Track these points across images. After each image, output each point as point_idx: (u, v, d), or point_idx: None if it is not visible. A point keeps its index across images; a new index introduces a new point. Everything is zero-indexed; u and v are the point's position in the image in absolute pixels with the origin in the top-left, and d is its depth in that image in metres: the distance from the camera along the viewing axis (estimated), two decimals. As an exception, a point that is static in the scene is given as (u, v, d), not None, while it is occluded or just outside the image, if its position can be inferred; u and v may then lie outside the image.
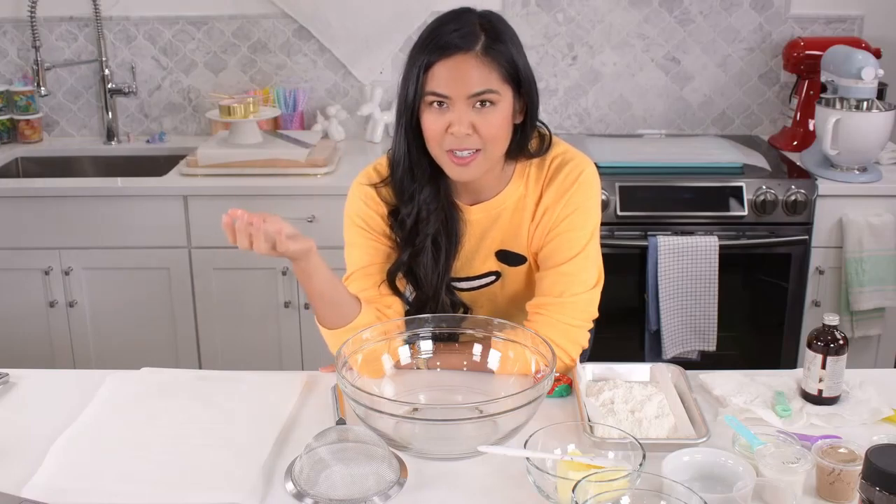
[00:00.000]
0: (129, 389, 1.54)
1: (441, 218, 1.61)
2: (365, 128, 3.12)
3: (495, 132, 1.51)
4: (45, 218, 2.69)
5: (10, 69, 3.16)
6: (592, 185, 1.60)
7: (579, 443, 1.28)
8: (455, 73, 1.47)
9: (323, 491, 1.24)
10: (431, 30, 1.51)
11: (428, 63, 1.48)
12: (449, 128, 1.49)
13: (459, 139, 1.49)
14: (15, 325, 2.78)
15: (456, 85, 1.47)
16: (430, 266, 1.61)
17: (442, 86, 1.47)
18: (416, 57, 1.50)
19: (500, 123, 1.51)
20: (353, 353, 1.43)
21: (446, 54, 1.47)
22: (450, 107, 1.49)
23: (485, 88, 1.48)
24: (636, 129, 3.16)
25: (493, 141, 1.52)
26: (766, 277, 2.72)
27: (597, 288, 1.61)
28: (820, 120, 2.69)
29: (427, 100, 1.50)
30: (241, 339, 2.78)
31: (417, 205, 1.59)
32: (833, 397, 1.45)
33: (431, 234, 1.60)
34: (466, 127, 1.48)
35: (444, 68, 1.47)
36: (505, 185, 1.62)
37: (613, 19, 3.07)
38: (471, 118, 1.48)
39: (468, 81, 1.47)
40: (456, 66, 1.47)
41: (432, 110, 1.50)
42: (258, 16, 3.08)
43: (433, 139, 1.52)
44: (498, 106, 1.50)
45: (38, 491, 1.25)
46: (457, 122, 1.48)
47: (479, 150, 1.51)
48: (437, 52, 1.47)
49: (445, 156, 1.53)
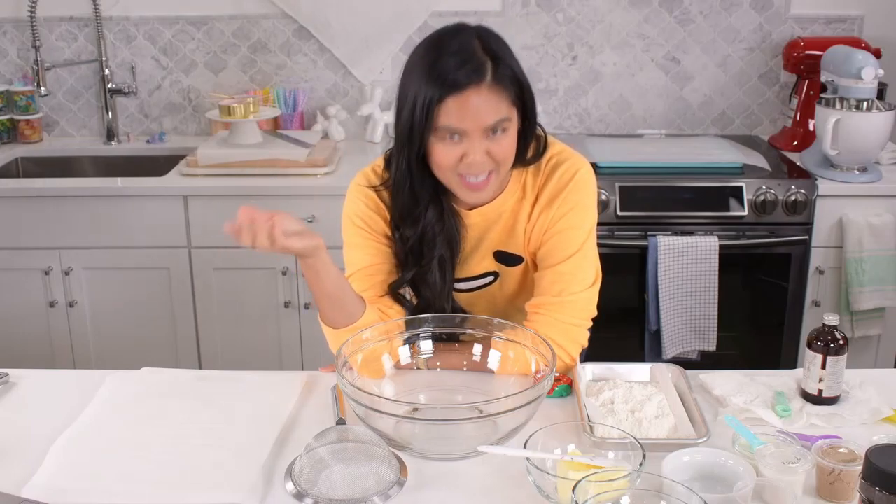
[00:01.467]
0: (129, 389, 1.54)
1: (445, 237, 1.61)
2: (365, 128, 3.12)
3: (507, 153, 1.52)
4: (45, 218, 2.69)
5: (10, 69, 3.16)
6: (588, 185, 1.61)
7: (579, 443, 1.28)
8: (468, 109, 1.45)
9: (323, 491, 1.24)
10: (433, 61, 1.46)
11: (438, 98, 1.44)
12: (464, 158, 1.49)
13: (476, 167, 1.49)
14: (15, 325, 2.78)
15: (471, 120, 1.46)
16: (437, 284, 1.62)
17: (456, 121, 1.46)
18: (420, 88, 1.46)
19: (510, 144, 1.52)
20: (353, 353, 1.43)
21: (457, 89, 1.44)
22: (463, 138, 1.48)
23: (499, 118, 1.47)
24: (636, 129, 3.16)
25: (505, 162, 1.53)
26: (766, 277, 2.72)
27: (595, 286, 1.61)
28: (820, 120, 2.69)
29: (439, 134, 1.48)
30: (241, 339, 2.78)
31: (422, 227, 1.59)
32: (833, 397, 1.45)
33: (437, 257, 1.60)
34: (482, 156, 1.49)
35: (455, 104, 1.45)
36: (502, 189, 1.62)
37: (613, 19, 3.07)
38: (485, 146, 1.49)
39: (483, 115, 1.46)
40: (468, 101, 1.44)
41: (445, 142, 1.49)
42: (258, 16, 3.08)
43: (446, 167, 1.51)
44: (509, 130, 1.50)
45: (38, 491, 1.25)
46: (472, 152, 1.48)
47: (492, 171, 1.52)
48: (445, 88, 1.44)
49: (458, 181, 1.53)
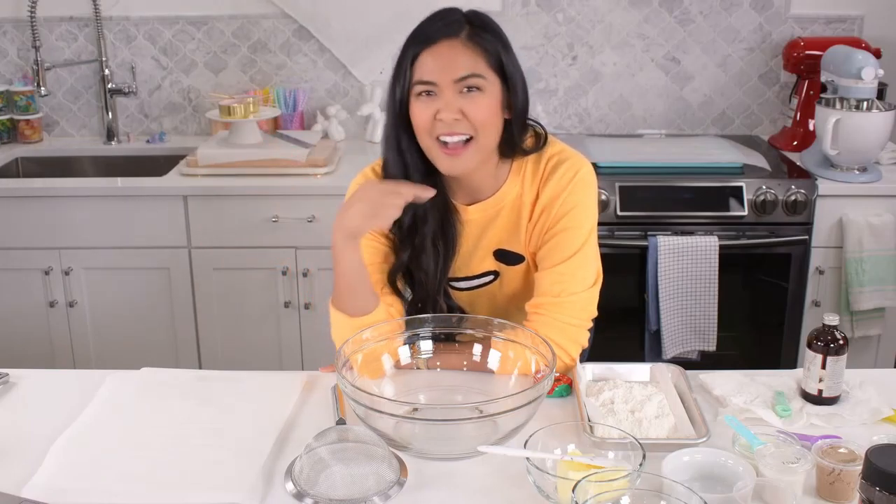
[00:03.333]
0: (129, 389, 1.54)
1: (438, 218, 1.61)
2: (365, 128, 3.12)
3: (484, 117, 1.51)
4: (45, 218, 2.69)
5: (10, 69, 3.16)
6: (589, 184, 1.61)
7: (579, 443, 1.28)
8: (440, 59, 1.49)
9: (323, 491, 1.24)
10: (417, 27, 1.54)
11: (414, 55, 1.50)
12: (437, 114, 1.50)
13: (448, 125, 1.50)
14: (15, 325, 2.78)
15: (441, 70, 1.49)
16: (430, 268, 1.61)
17: (427, 73, 1.49)
18: (403, 54, 1.53)
19: (489, 109, 1.52)
20: (353, 353, 1.43)
21: (431, 42, 1.50)
22: (437, 94, 1.50)
23: (470, 72, 1.49)
24: (636, 129, 3.16)
25: (483, 127, 1.51)
26: (766, 277, 2.72)
27: (595, 287, 1.61)
28: (820, 120, 2.69)
29: (415, 91, 1.51)
30: (241, 339, 2.79)
31: (415, 205, 1.58)
32: (833, 397, 1.45)
33: (430, 234, 1.60)
34: (455, 112, 1.49)
35: (429, 56, 1.50)
36: (501, 183, 1.62)
37: (613, 19, 3.07)
38: (459, 104, 1.49)
39: (453, 66, 1.49)
40: (441, 52, 1.49)
41: (420, 100, 1.51)
42: (258, 16, 3.08)
43: (423, 128, 1.52)
44: (485, 92, 1.51)
45: (38, 491, 1.25)
46: (444, 107, 1.49)
47: (472, 137, 1.52)
48: (422, 43, 1.50)
49: (436, 146, 1.53)
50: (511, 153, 1.60)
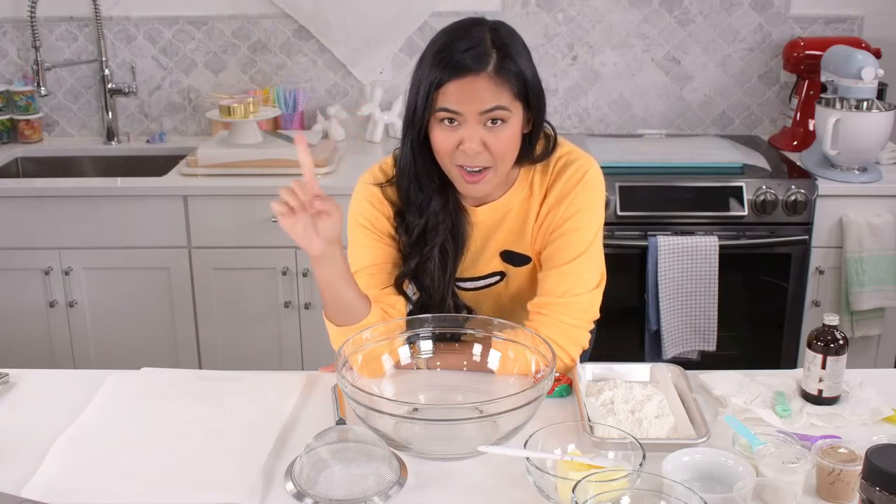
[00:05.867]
0: (129, 389, 1.54)
1: (449, 223, 1.61)
2: (365, 128, 3.12)
3: (505, 149, 1.51)
4: (45, 218, 2.69)
5: (10, 69, 3.16)
6: (597, 186, 1.60)
7: (579, 443, 1.28)
8: (467, 93, 1.46)
9: (323, 491, 1.24)
10: (442, 45, 1.49)
11: (439, 81, 1.47)
12: (460, 145, 1.49)
13: (470, 156, 1.50)
14: (15, 325, 2.78)
15: (468, 103, 1.47)
16: (437, 274, 1.61)
17: (453, 103, 1.47)
18: (426, 72, 1.49)
19: (509, 140, 1.51)
20: (353, 353, 1.43)
21: (458, 75, 1.46)
22: (461, 124, 1.49)
23: (496, 105, 1.47)
24: (636, 129, 3.16)
25: (502, 158, 1.52)
26: (766, 277, 2.72)
27: (599, 289, 1.61)
28: (820, 120, 2.69)
29: (438, 116, 1.49)
30: (241, 339, 2.78)
31: (427, 216, 1.59)
32: (833, 397, 1.45)
33: (439, 244, 1.60)
34: (478, 145, 1.48)
35: (455, 87, 1.46)
36: (510, 186, 1.62)
37: (613, 19, 3.07)
38: (482, 135, 1.48)
39: (480, 100, 1.47)
40: (468, 86, 1.46)
41: (443, 127, 1.50)
42: (258, 16, 3.08)
43: (444, 155, 1.52)
44: (508, 123, 1.50)
45: (38, 491, 1.25)
46: (468, 139, 1.48)
47: (490, 167, 1.52)
48: (448, 71, 1.46)
49: (456, 170, 1.53)
50: (523, 162, 1.60)
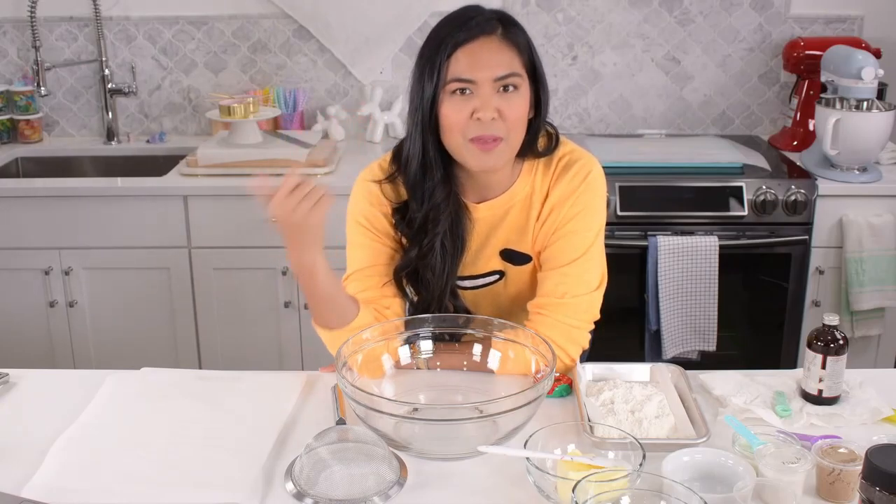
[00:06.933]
0: (129, 389, 1.54)
1: (450, 216, 1.59)
2: (365, 128, 3.12)
3: (518, 116, 1.50)
4: (45, 218, 2.69)
5: (10, 69, 3.16)
6: (599, 186, 1.60)
7: (579, 443, 1.28)
8: (479, 56, 1.46)
9: (323, 491, 1.24)
10: (444, 23, 1.50)
11: (449, 52, 1.46)
12: (474, 114, 1.47)
13: (486, 125, 1.47)
14: (15, 325, 2.78)
15: (481, 68, 1.45)
16: (437, 268, 1.59)
17: (466, 70, 1.46)
18: (432, 51, 1.48)
19: (522, 109, 1.50)
20: (353, 353, 1.43)
21: (467, 39, 1.45)
22: (474, 92, 1.47)
23: (510, 71, 1.47)
24: (636, 129, 3.16)
25: (514, 128, 1.50)
26: (766, 277, 2.72)
27: (600, 290, 1.60)
28: (820, 120, 2.69)
29: (449, 88, 1.47)
30: (241, 339, 2.78)
31: (429, 206, 1.57)
32: (833, 397, 1.45)
33: (441, 234, 1.58)
34: (492, 111, 1.46)
35: (466, 53, 1.46)
36: (512, 182, 1.61)
37: (613, 19, 3.07)
38: (496, 103, 1.47)
39: (494, 64, 1.46)
40: (480, 49, 1.46)
41: (454, 99, 1.48)
42: (258, 16, 3.08)
43: (456, 129, 1.49)
44: (520, 91, 1.49)
45: (38, 491, 1.25)
46: (482, 107, 1.46)
47: (502, 138, 1.49)
48: (459, 35, 1.45)
49: (468, 144, 1.50)
50: (526, 153, 1.59)
